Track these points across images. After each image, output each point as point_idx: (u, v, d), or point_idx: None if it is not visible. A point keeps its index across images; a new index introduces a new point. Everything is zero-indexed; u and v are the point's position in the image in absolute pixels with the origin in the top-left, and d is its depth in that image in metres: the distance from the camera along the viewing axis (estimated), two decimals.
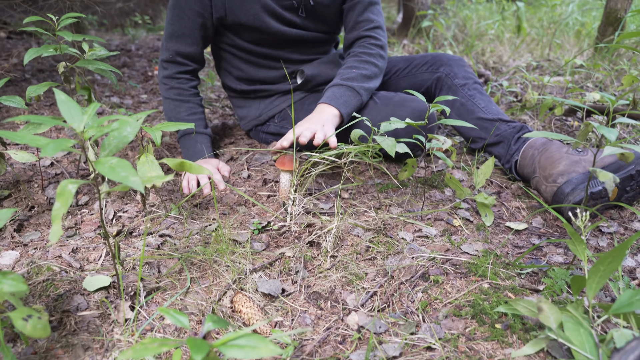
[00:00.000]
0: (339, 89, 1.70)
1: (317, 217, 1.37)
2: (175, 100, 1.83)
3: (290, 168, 1.44)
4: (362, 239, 1.29)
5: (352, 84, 1.71)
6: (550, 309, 0.84)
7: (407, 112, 1.66)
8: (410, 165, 1.52)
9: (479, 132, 1.86)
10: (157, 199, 1.50)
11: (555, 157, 1.48)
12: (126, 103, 3.02)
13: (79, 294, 1.06)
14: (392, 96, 1.77)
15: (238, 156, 1.99)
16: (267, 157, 1.96)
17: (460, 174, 1.78)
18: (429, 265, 1.16)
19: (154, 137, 1.25)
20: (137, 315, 0.98)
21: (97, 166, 0.70)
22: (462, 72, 1.99)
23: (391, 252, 1.23)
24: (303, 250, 1.23)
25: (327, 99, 1.67)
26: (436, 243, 1.28)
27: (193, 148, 1.79)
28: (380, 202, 1.52)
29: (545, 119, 2.35)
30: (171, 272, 1.14)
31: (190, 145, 1.80)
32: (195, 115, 1.85)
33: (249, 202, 1.53)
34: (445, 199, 1.56)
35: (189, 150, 1.80)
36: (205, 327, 0.61)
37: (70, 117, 0.76)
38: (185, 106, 1.83)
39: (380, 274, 1.14)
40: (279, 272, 1.15)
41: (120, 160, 0.69)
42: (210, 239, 1.28)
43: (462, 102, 1.90)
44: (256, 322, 0.95)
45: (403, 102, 1.71)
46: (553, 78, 3.03)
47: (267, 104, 2.03)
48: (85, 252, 1.25)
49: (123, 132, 0.79)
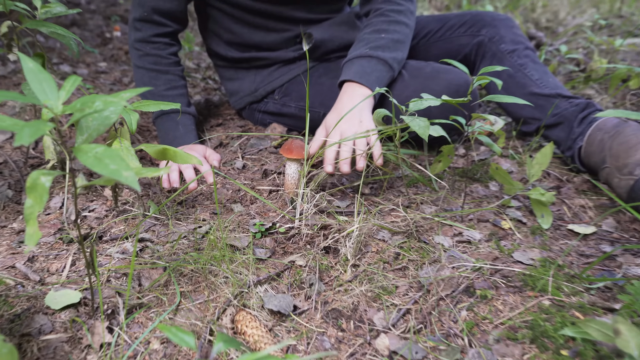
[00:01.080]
0: (369, 62, 1.72)
1: (333, 218, 1.41)
2: (151, 70, 1.86)
3: (299, 156, 1.47)
4: (389, 245, 1.32)
5: (384, 54, 1.73)
6: (630, 332, 0.87)
7: (442, 87, 1.69)
8: (447, 153, 1.56)
9: (532, 111, 1.90)
10: (132, 195, 1.54)
11: (631, 143, 1.51)
12: (81, 73, 3.05)
13: (41, 313, 1.09)
14: (422, 66, 1.80)
15: (229, 141, 2.02)
16: (267, 142, 1.99)
17: (509, 164, 1.82)
18: (473, 277, 1.20)
19: (127, 121, 1.28)
20: (116, 339, 1.02)
21: (78, 154, 0.73)
22: (510, 34, 2.02)
23: (426, 260, 1.26)
24: (317, 258, 1.26)
25: (356, 75, 1.69)
26: (481, 250, 1.32)
27: (173, 132, 1.82)
28: (409, 198, 1.56)
29: (617, 94, 2.38)
30: (156, 284, 1.17)
31: (170, 128, 1.83)
32: (175, 89, 1.88)
33: (245, 199, 1.56)
34: (491, 195, 1.60)
35: (167, 134, 1.83)
36: (216, 348, 0.65)
37: (43, 93, 0.79)
38: (163, 78, 1.86)
39: (414, 287, 1.18)
40: (289, 284, 1.19)
41: (107, 149, 0.73)
42: (202, 244, 1.32)
43: (511, 73, 1.94)
44: (265, 347, 0.99)
45: (436, 74, 1.74)
46: (627, 40, 3.05)
47: (264, 76, 2.07)
48: (44, 262, 1.28)
49: (105, 112, 0.82)
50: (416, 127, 1.28)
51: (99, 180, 0.87)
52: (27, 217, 0.73)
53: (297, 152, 1.47)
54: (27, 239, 0.73)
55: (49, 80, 0.81)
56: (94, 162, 0.72)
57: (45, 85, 0.80)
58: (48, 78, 0.81)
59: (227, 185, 1.65)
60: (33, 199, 0.75)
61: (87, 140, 0.85)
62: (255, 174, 1.73)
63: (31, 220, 0.73)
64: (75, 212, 0.95)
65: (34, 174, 0.78)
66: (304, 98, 1.99)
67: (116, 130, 1.37)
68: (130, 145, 1.33)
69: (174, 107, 1.26)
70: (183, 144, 1.80)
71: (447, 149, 1.54)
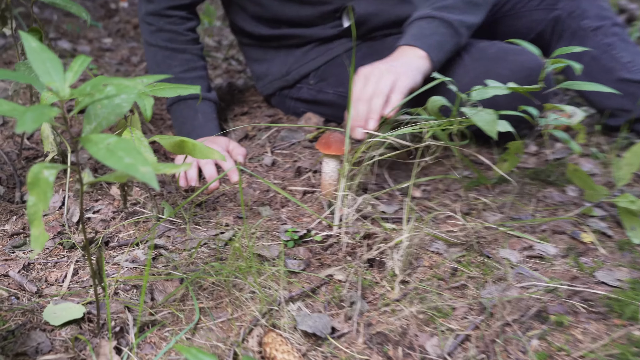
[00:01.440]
0: (430, 24, 1.70)
1: (379, 225, 1.41)
2: (165, 48, 1.89)
3: (339, 152, 1.48)
4: (445, 258, 1.32)
5: (449, 16, 1.71)
6: None
7: (510, 71, 1.68)
8: (514, 150, 1.55)
9: (621, 101, 1.87)
10: (143, 195, 1.57)
11: None
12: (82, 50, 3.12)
13: (39, 330, 1.11)
14: (486, 47, 1.79)
15: (255, 133, 2.05)
16: (300, 134, 2.00)
17: (591, 165, 1.80)
18: (546, 300, 1.19)
19: (142, 107, 1.31)
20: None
21: (87, 145, 0.75)
22: (594, 7, 1.99)
23: (489, 278, 1.26)
24: (360, 271, 1.27)
25: (411, 38, 1.68)
26: (556, 267, 1.31)
27: (191, 121, 1.85)
28: (469, 204, 1.55)
29: None
30: (171, 299, 1.20)
31: (187, 117, 1.86)
32: (194, 71, 1.91)
33: (275, 201, 1.58)
34: (568, 202, 1.58)
35: (184, 124, 1.86)
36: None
37: (47, 74, 0.81)
38: (179, 58, 1.89)
39: (474, 309, 1.18)
40: (326, 302, 1.20)
41: (120, 140, 0.75)
42: (224, 252, 1.34)
43: (595, 55, 1.91)
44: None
45: (503, 56, 1.73)
46: None
47: (298, 57, 2.08)
48: (42, 270, 1.31)
49: (116, 99, 0.84)
50: (481, 122, 1.28)
51: (109, 176, 0.89)
52: (32, 217, 0.75)
53: (336, 147, 1.48)
54: (33, 241, 0.75)
55: (54, 60, 0.84)
56: (106, 155, 0.74)
57: (50, 66, 0.83)
58: (53, 58, 0.84)
59: (254, 184, 1.67)
60: (36, 196, 0.77)
61: (96, 130, 0.87)
62: (287, 172, 1.75)
63: (36, 221, 0.75)
64: (81, 213, 0.97)
65: (36, 167, 0.80)
66: (343, 83, 2.00)
67: (126, 119, 1.39)
68: (143, 136, 1.36)
69: (192, 91, 1.28)
70: (203, 135, 1.82)
71: (514, 146, 1.53)
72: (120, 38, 3.54)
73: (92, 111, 0.89)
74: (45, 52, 0.85)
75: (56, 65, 0.84)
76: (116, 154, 0.75)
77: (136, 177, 0.72)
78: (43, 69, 0.83)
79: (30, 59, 0.84)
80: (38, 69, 0.83)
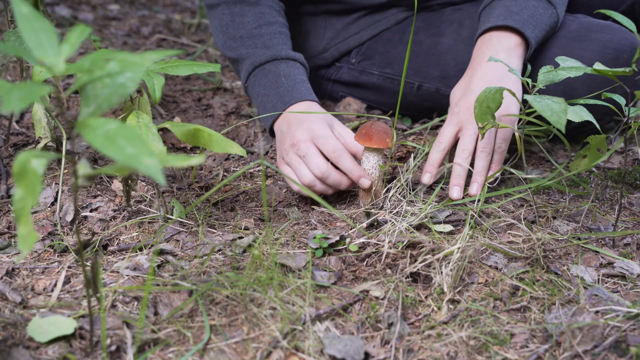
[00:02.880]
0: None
1: (427, 232, 1.42)
2: (232, 3, 1.85)
3: (382, 145, 1.49)
4: (504, 274, 1.32)
5: None
6: None
7: (593, 52, 1.67)
8: (595, 145, 1.53)
9: None
10: (150, 191, 1.60)
11: None
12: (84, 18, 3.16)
13: (22, 347, 1.13)
14: (566, 22, 1.79)
15: None
16: None
17: None
18: (627, 328, 1.18)
19: (150, 87, 1.34)
20: None
21: (83, 131, 0.78)
22: None
23: (557, 299, 1.25)
24: (401, 287, 1.28)
25: (499, 18, 1.66)
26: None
27: (275, 89, 1.74)
28: (536, 210, 1.55)
29: None
30: (177, 314, 1.21)
31: (269, 86, 1.76)
32: (271, 26, 1.85)
33: (304, 202, 1.59)
34: None
35: (268, 96, 1.75)
36: None
37: (40, 47, 0.84)
38: (252, 12, 1.85)
39: (537, 336, 1.17)
40: (359, 323, 1.20)
41: (122, 126, 0.77)
42: (242, 261, 1.36)
43: None
44: None
45: (586, 33, 1.72)
46: None
47: (338, 30, 2.09)
48: (29, 277, 1.34)
49: (119, 78, 0.87)
50: (546, 110, 1.26)
51: (109, 168, 0.90)
52: (18, 214, 0.77)
53: (378, 139, 1.49)
54: (20, 242, 0.77)
55: (48, 29, 0.86)
56: (105, 143, 0.76)
57: (43, 37, 0.85)
58: (47, 27, 0.87)
59: (280, 181, 1.69)
60: (24, 190, 0.80)
61: (95, 114, 0.89)
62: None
63: (24, 218, 0.78)
64: (75, 211, 1.00)
65: (23, 155, 0.83)
66: (391, 63, 2.01)
67: (132, 101, 1.42)
68: (152, 122, 1.37)
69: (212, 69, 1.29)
70: (291, 102, 1.71)
71: (596, 141, 1.52)
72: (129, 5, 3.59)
73: (92, 91, 0.89)
74: (39, 20, 0.87)
75: (50, 36, 0.86)
76: (116, 142, 0.76)
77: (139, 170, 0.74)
78: (35, 40, 0.86)
79: (21, 27, 0.86)
80: (29, 39, 0.85)
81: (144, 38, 3.00)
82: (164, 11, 3.50)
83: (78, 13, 3.23)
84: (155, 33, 3.07)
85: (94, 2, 3.46)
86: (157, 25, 3.21)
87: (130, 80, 0.89)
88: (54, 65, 0.85)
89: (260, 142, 1.97)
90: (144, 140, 0.77)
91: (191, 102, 2.23)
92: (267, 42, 1.79)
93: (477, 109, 1.41)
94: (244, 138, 2.01)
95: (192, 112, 2.15)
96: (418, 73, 1.96)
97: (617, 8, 2.05)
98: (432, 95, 1.99)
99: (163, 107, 2.14)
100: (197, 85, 2.41)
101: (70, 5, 3.29)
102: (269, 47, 1.78)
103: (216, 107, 2.19)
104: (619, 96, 1.42)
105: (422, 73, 1.96)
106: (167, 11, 3.51)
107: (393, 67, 2.01)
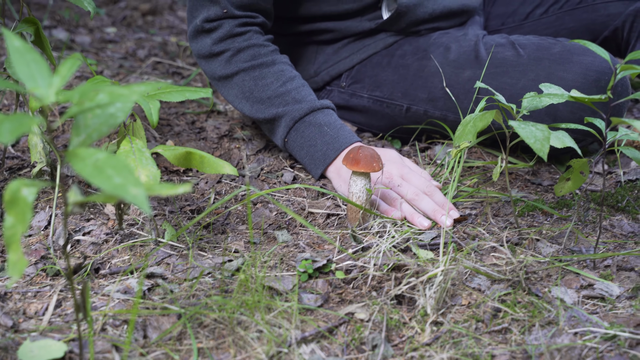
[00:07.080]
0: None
1: (411, 255, 1.44)
2: (251, 69, 1.89)
3: (369, 169, 1.51)
4: (486, 296, 1.34)
5: None
6: None
7: (576, 74, 1.70)
8: (578, 169, 1.55)
9: None
10: (142, 215, 1.62)
11: None
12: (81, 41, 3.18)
13: None
14: (548, 45, 1.81)
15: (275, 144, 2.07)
16: None
17: None
18: (603, 349, 1.19)
19: (147, 111, 1.36)
20: None
21: (72, 161, 0.80)
22: None
23: (537, 321, 1.27)
24: (386, 310, 1.29)
25: None
26: (619, 310, 1.31)
27: (321, 137, 1.83)
28: (520, 232, 1.57)
29: None
30: (166, 337, 1.23)
31: (313, 137, 1.84)
32: (293, 81, 1.90)
33: (293, 224, 1.62)
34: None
35: (315, 146, 1.83)
36: None
37: (32, 79, 0.87)
38: (272, 72, 1.89)
39: (518, 357, 1.19)
40: (344, 345, 1.22)
41: (110, 157, 0.79)
42: (232, 284, 1.38)
43: None
44: None
45: (568, 56, 1.75)
46: None
47: (328, 55, 2.12)
48: (21, 301, 1.36)
49: (110, 108, 0.89)
50: (530, 137, 1.28)
51: (98, 197, 0.93)
52: (9, 240, 0.80)
53: (365, 163, 1.51)
54: (10, 268, 0.80)
55: (39, 61, 0.89)
56: (93, 173, 0.79)
57: (35, 68, 0.88)
58: (38, 59, 0.89)
59: (271, 204, 1.71)
60: (14, 217, 0.82)
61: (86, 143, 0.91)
62: (310, 190, 1.79)
63: (14, 244, 0.80)
64: (65, 236, 1.03)
65: (14, 184, 0.85)
66: (380, 86, 2.03)
67: (125, 126, 1.44)
68: (146, 146, 1.40)
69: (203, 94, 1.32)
70: (345, 145, 1.80)
71: (578, 164, 1.54)
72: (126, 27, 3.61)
73: (82, 121, 0.92)
74: (30, 52, 0.90)
75: (42, 67, 0.89)
76: (104, 172, 0.79)
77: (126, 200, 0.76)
78: (27, 72, 0.89)
79: (13, 60, 0.89)
80: (21, 72, 0.88)
81: (139, 61, 3.02)
82: (160, 34, 3.53)
83: (75, 36, 3.25)
84: (151, 56, 3.09)
85: (91, 25, 3.48)
86: (153, 48, 3.23)
87: (120, 111, 0.92)
88: (45, 97, 0.87)
89: (252, 164, 1.99)
90: (131, 170, 0.79)
91: (185, 125, 2.25)
92: (297, 97, 1.85)
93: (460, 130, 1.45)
94: (236, 160, 2.02)
95: (185, 135, 2.17)
96: (406, 96, 1.99)
97: (601, 33, 2.09)
98: (421, 117, 2.02)
99: (157, 130, 2.16)
100: (191, 108, 2.43)
101: (68, 29, 3.31)
102: (300, 101, 1.84)
103: (209, 130, 2.21)
104: (600, 120, 1.44)
105: (410, 96, 1.98)
106: (163, 34, 3.54)
107: (382, 90, 2.03)
